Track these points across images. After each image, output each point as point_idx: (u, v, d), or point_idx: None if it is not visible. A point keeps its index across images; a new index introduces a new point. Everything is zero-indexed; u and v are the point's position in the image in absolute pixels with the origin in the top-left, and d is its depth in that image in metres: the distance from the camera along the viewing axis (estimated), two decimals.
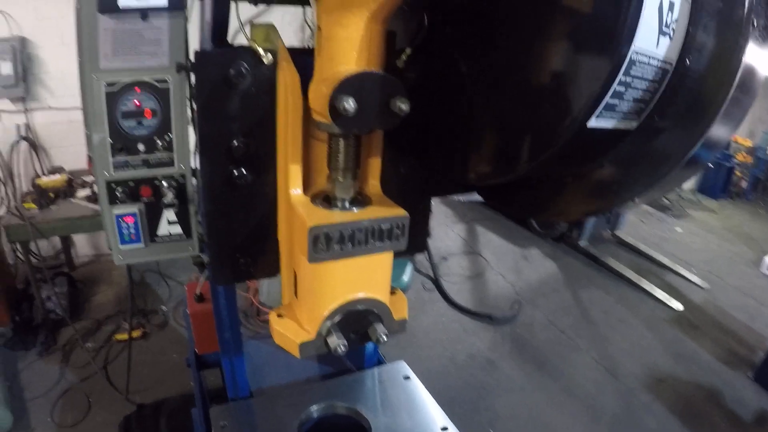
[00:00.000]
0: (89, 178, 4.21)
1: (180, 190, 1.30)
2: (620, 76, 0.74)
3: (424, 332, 4.61)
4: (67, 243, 5.10)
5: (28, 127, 4.84)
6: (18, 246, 4.07)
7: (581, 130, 0.78)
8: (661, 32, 0.75)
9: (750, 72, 0.79)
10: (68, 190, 4.12)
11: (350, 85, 0.85)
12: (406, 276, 5.24)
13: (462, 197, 5.53)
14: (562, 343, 4.61)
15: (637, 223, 7.73)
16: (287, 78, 0.96)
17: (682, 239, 7.36)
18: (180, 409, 2.65)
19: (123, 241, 1.34)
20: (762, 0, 0.77)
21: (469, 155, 1.01)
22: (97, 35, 1.21)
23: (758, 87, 0.84)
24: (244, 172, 0.99)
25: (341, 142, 0.96)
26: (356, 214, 0.98)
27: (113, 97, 1.24)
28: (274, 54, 0.94)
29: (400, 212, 0.98)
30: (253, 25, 0.99)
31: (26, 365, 3.87)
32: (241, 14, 1.05)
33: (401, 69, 1.00)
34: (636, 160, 0.88)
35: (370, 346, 1.81)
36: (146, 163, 1.29)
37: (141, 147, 1.28)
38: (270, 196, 1.04)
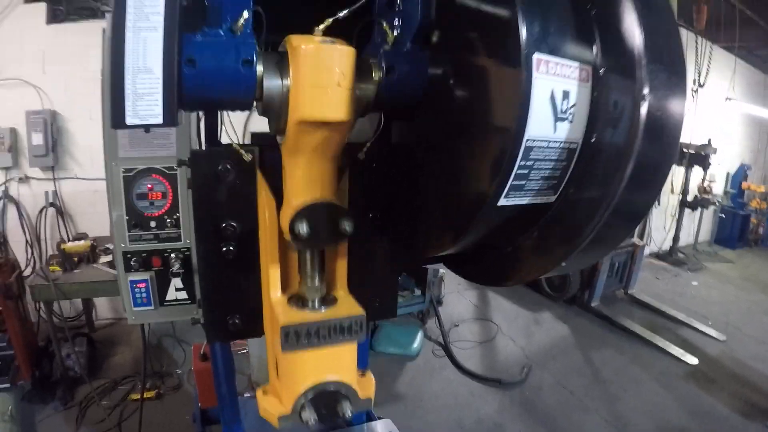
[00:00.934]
0: (112, 245, 4.40)
1: (186, 261, 1.49)
2: (518, 162, 0.87)
3: (433, 397, 4.63)
4: (88, 305, 5.29)
5: (56, 194, 5.15)
6: (41, 306, 4.25)
7: (494, 208, 0.93)
8: (558, 119, 0.88)
9: (654, 134, 0.88)
10: (91, 255, 4.31)
11: (304, 213, 1.05)
12: (416, 343, 5.34)
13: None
14: (572, 404, 4.59)
15: (652, 281, 7.72)
16: (264, 202, 1.17)
17: (698, 293, 7.33)
18: None
19: (136, 304, 1.53)
20: (663, 76, 0.88)
21: (420, 232, 1.19)
22: (116, 131, 1.44)
23: (671, 144, 0.94)
24: (231, 248, 1.18)
25: (307, 255, 1.16)
26: (322, 313, 1.16)
27: (129, 181, 1.45)
28: (254, 153, 1.14)
29: (358, 311, 1.16)
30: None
31: (43, 418, 4.00)
32: (232, 118, 1.26)
33: (362, 160, 1.20)
34: (558, 227, 1.01)
35: None
36: (157, 238, 1.49)
37: (152, 224, 1.48)
38: (253, 268, 1.22)
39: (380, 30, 1.06)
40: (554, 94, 0.86)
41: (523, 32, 0.82)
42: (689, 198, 8.57)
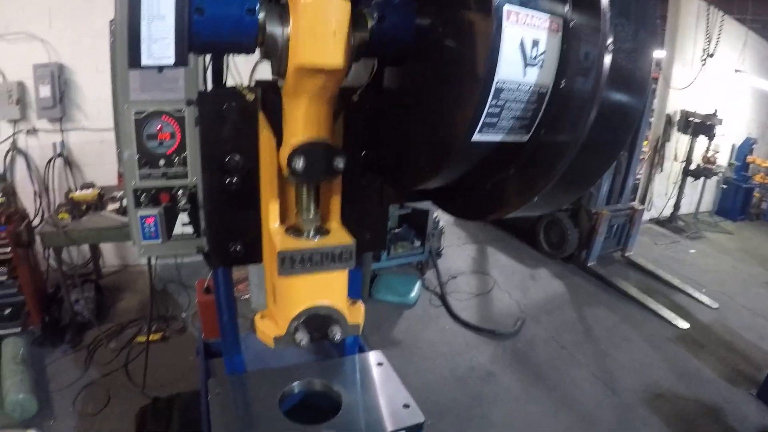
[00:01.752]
0: (118, 194, 4.52)
1: (192, 198, 1.61)
2: (489, 101, 0.98)
3: (428, 345, 4.79)
4: (95, 253, 5.43)
5: (63, 145, 5.24)
6: (50, 253, 4.38)
7: (468, 143, 1.04)
8: (528, 64, 0.98)
9: (620, 82, 0.98)
10: (99, 203, 4.42)
11: (301, 150, 1.17)
12: (414, 292, 5.49)
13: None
14: (562, 358, 4.73)
15: (650, 245, 7.79)
16: (265, 141, 1.29)
17: (695, 260, 7.39)
18: (192, 402, 2.85)
19: (145, 238, 1.64)
20: (629, 30, 0.97)
21: (406, 167, 1.30)
22: (127, 75, 1.53)
23: (639, 92, 1.03)
24: (234, 180, 1.29)
25: (303, 188, 1.28)
26: (315, 242, 1.28)
27: (140, 123, 1.55)
28: (256, 94, 1.25)
29: (348, 240, 1.28)
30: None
31: (53, 361, 4.15)
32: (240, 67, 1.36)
33: (356, 102, 1.30)
34: (531, 165, 1.12)
35: (350, 339, 2.08)
36: (165, 175, 1.60)
37: (161, 162, 1.58)
38: (253, 198, 1.34)
39: None
40: (524, 41, 0.97)
41: None
42: (692, 167, 8.58)
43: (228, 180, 1.30)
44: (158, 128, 1.56)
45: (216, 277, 1.68)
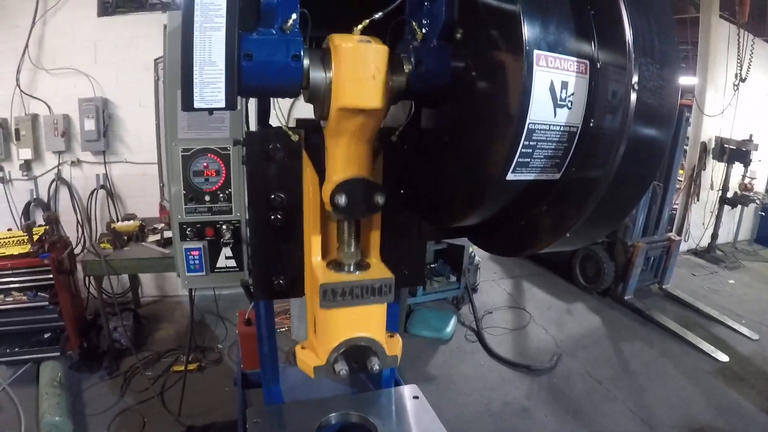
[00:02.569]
0: (159, 225, 4.66)
1: (236, 232, 1.68)
2: (522, 141, 1.03)
3: (463, 380, 4.74)
4: (134, 283, 5.58)
5: (106, 177, 5.45)
6: (91, 281, 4.52)
7: (502, 182, 1.08)
8: (557, 105, 1.02)
9: (646, 118, 1.02)
10: (140, 234, 4.57)
11: (343, 187, 1.22)
12: (450, 327, 5.47)
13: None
14: (599, 393, 4.63)
15: (688, 277, 7.60)
16: (308, 178, 1.36)
17: (734, 291, 7.17)
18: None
19: (189, 270, 1.72)
20: (654, 68, 1.01)
21: (442, 205, 1.34)
22: (176, 114, 1.62)
23: (665, 127, 1.06)
24: (279, 217, 1.36)
25: (345, 225, 1.33)
26: (356, 276, 1.33)
27: (187, 160, 1.64)
28: (300, 134, 1.32)
29: (387, 275, 1.33)
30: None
31: (89, 386, 4.26)
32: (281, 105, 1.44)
33: (395, 141, 1.36)
34: (563, 201, 1.15)
35: (386, 371, 2.10)
36: (210, 210, 1.68)
37: (207, 198, 1.66)
38: (295, 234, 1.40)
39: (410, 28, 1.23)
40: (553, 84, 1.01)
41: (525, 32, 0.97)
42: (729, 195, 8.40)
43: (273, 216, 1.36)
44: (204, 165, 1.64)
45: (257, 310, 1.73)
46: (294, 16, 1.11)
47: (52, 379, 3.96)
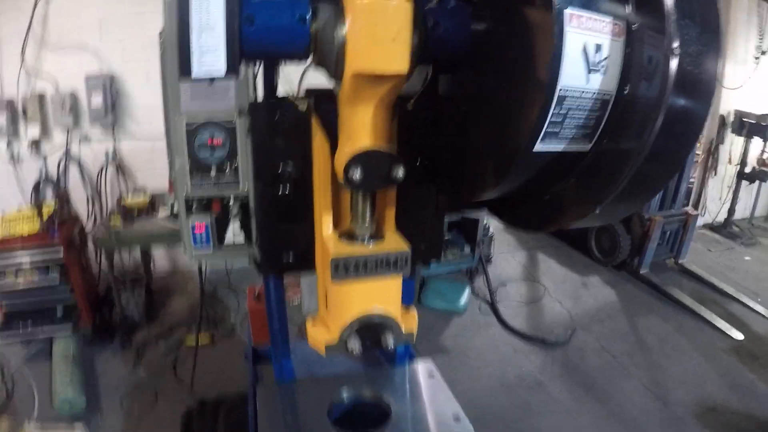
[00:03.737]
0: (169, 200, 4.59)
1: (244, 206, 1.62)
2: (552, 109, 0.94)
3: (477, 352, 4.73)
4: (146, 257, 5.53)
5: (115, 152, 5.41)
6: (102, 257, 4.52)
7: (530, 153, 1.00)
8: (591, 70, 0.94)
9: (686, 87, 0.94)
10: (150, 209, 4.55)
11: (359, 159, 1.13)
12: (464, 299, 5.43)
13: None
14: (613, 368, 4.60)
15: (704, 252, 7.50)
16: (319, 145, 1.27)
17: (751, 268, 7.07)
18: (238, 405, 2.89)
19: (196, 245, 1.67)
20: (694, 32, 0.93)
21: (465, 177, 1.26)
22: (178, 85, 1.55)
23: (705, 97, 0.98)
24: (287, 190, 1.28)
25: (359, 195, 1.25)
26: (369, 248, 1.24)
27: (191, 133, 1.58)
28: (309, 103, 1.24)
29: (403, 247, 1.25)
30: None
31: (103, 360, 4.29)
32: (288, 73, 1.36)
33: (410, 110, 1.27)
34: (593, 175, 1.08)
35: (401, 347, 2.05)
36: (217, 184, 1.62)
37: (213, 171, 1.60)
38: (305, 207, 1.32)
39: None
40: (586, 47, 0.92)
41: None
42: (747, 170, 8.23)
43: (281, 189, 1.29)
44: (209, 138, 1.58)
45: (267, 285, 1.68)
46: None
47: (65, 356, 3.98)
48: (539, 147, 1.00)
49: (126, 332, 4.55)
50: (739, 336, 5.15)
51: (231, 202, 1.62)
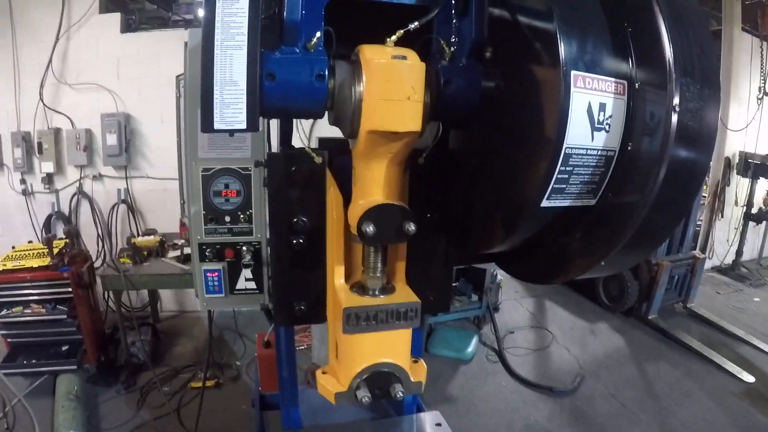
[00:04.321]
0: (180, 242, 4.65)
1: (256, 254, 1.64)
2: (558, 166, 0.98)
3: (485, 401, 4.65)
4: (154, 297, 5.58)
5: (127, 191, 5.48)
6: (110, 295, 4.52)
7: (537, 209, 1.03)
8: (595, 129, 0.98)
9: (687, 141, 0.97)
10: (160, 250, 4.55)
11: (372, 213, 1.15)
12: (471, 347, 5.38)
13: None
14: (622, 415, 4.51)
15: (712, 295, 7.44)
16: (332, 199, 1.30)
17: (760, 309, 7.00)
18: None
19: (208, 291, 1.68)
20: (694, 88, 0.96)
21: (472, 231, 1.30)
22: (196, 133, 1.60)
23: (706, 150, 1.01)
24: (301, 241, 1.30)
25: (371, 249, 1.27)
26: (381, 300, 1.26)
27: (207, 179, 1.61)
28: (323, 156, 1.27)
29: (413, 299, 1.27)
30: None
31: (106, 400, 4.24)
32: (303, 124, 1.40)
33: (421, 165, 1.31)
34: (599, 228, 1.10)
35: (408, 397, 2.04)
36: (230, 231, 1.65)
37: (227, 218, 1.63)
38: (318, 260, 1.34)
39: (438, 46, 1.17)
40: (591, 106, 0.96)
41: (562, 52, 0.92)
42: (754, 210, 8.22)
43: (295, 240, 1.31)
44: (225, 186, 1.62)
45: (277, 335, 1.69)
46: (318, 34, 1.07)
47: (69, 392, 3.95)
48: (546, 203, 1.03)
49: (131, 372, 4.52)
50: (750, 378, 5.07)
51: (244, 250, 1.64)
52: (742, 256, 8.47)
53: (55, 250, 4.17)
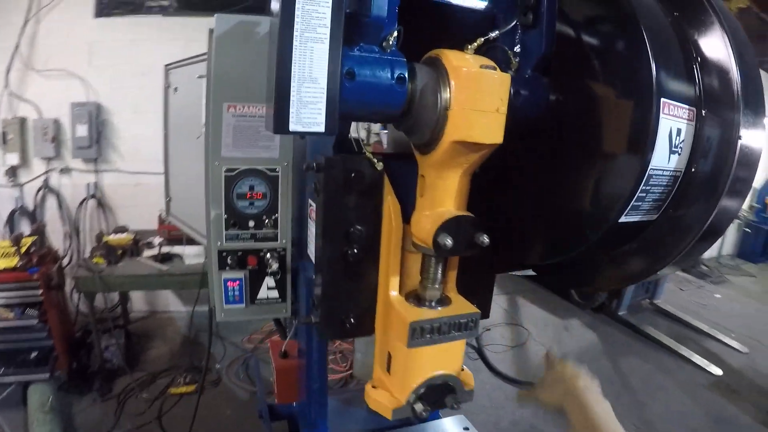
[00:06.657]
0: (155, 239, 4.45)
1: (281, 261, 1.55)
2: (641, 187, 1.01)
3: None
4: (124, 298, 5.28)
5: (97, 186, 5.22)
6: (79, 296, 4.29)
7: (616, 225, 1.06)
8: (672, 152, 1.02)
9: (742, 164, 1.05)
10: (135, 249, 4.34)
11: (449, 226, 1.11)
12: None
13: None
14: None
15: (676, 291, 7.72)
16: (391, 207, 1.23)
17: (722, 305, 7.34)
18: None
19: (228, 301, 1.58)
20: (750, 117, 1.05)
21: (522, 242, 1.32)
22: (220, 129, 1.49)
23: (752, 171, 1.10)
24: (356, 251, 1.23)
25: (434, 261, 1.23)
26: (442, 311, 1.23)
27: (231, 181, 1.51)
28: (383, 162, 1.20)
29: (473, 310, 1.25)
30: None
31: (81, 409, 4.02)
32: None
33: (477, 173, 1.26)
34: (656, 242, 1.15)
35: None
36: (254, 237, 1.55)
37: (251, 223, 1.54)
38: (371, 270, 1.28)
39: (505, 56, 1.14)
40: (672, 131, 1.01)
41: (655, 81, 0.97)
42: None
43: (349, 251, 1.23)
44: (250, 188, 1.52)
45: (310, 347, 1.61)
46: (395, 32, 1.00)
47: (43, 404, 3.70)
48: (624, 219, 1.06)
49: (105, 379, 4.28)
50: (718, 371, 5.30)
51: (268, 257, 1.55)
52: (702, 254, 8.77)
53: (23, 249, 3.92)
